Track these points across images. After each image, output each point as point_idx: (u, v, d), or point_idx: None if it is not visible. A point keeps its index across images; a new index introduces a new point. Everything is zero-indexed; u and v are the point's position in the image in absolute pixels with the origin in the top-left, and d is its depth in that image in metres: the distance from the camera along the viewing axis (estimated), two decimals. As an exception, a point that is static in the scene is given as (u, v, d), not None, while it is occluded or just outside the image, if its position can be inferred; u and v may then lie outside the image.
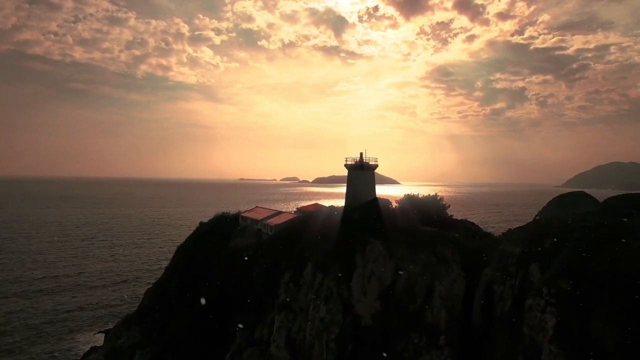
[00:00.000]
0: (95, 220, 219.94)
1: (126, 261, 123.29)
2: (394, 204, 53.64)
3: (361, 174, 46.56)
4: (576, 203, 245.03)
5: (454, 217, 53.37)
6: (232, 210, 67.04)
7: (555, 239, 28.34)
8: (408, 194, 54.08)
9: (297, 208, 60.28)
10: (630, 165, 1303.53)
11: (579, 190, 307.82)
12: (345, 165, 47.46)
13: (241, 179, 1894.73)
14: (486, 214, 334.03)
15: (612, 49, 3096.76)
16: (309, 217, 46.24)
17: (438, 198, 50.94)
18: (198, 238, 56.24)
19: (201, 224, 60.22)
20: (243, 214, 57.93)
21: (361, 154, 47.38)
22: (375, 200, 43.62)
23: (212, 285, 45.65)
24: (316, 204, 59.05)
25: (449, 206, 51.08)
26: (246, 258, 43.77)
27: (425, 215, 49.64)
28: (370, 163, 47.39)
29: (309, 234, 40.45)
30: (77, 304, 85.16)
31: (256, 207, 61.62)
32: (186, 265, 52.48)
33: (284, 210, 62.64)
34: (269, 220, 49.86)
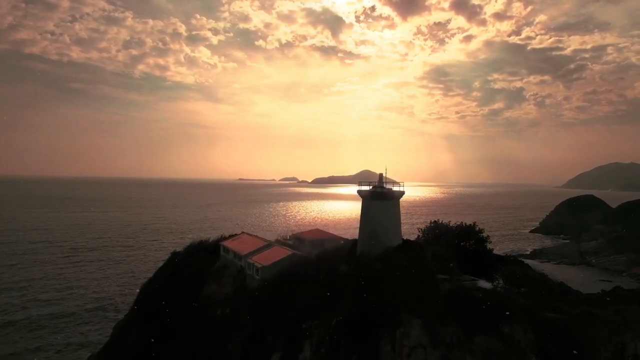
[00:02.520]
0: (86, 225, 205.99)
1: (110, 278, 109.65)
2: (418, 232, 41.81)
3: (381, 205, 32.59)
4: (587, 207, 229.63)
5: (494, 251, 41.53)
6: (221, 229, 55.23)
7: None
8: (436, 221, 42.20)
9: (292, 234, 48.29)
10: (631, 165, 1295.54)
11: (588, 194, 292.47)
12: (359, 192, 34.95)
13: (240, 179, 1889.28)
14: (489, 217, 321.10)
15: (609, 49, 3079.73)
16: (308, 258, 34.24)
17: (476, 228, 39.01)
18: (166, 276, 44.19)
19: (173, 254, 48.17)
20: (225, 244, 45.84)
21: (381, 176, 34.03)
22: (404, 245, 31.14)
23: (176, 351, 33.76)
24: (317, 230, 47.09)
25: (488, 238, 39.14)
26: (220, 315, 31.89)
27: (458, 250, 37.87)
28: (394, 189, 34.33)
29: (309, 286, 28.50)
30: (44, 339, 72.63)
31: (242, 233, 49.44)
32: (149, 314, 40.56)
33: (278, 237, 50.33)
34: (255, 258, 37.86)
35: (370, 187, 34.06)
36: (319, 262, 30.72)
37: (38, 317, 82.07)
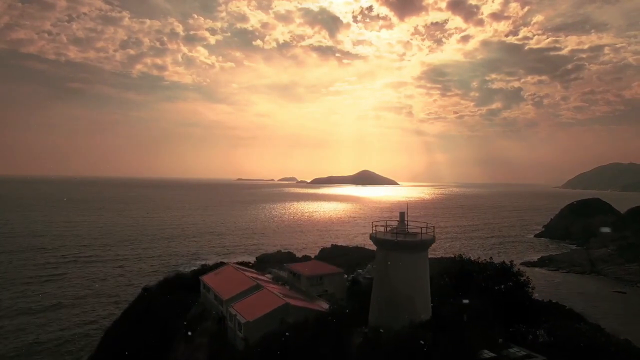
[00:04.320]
0: (77, 231, 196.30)
1: (92, 297, 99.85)
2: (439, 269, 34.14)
3: (404, 260, 23.51)
4: (593, 211, 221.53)
5: (535, 296, 33.80)
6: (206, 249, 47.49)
7: None
8: (461, 257, 34.59)
9: (285, 265, 40.65)
10: (630, 166, 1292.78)
11: (593, 197, 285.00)
12: (373, 239, 25.63)
13: (239, 179, 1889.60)
14: (491, 220, 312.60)
15: (606, 49, 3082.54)
16: (303, 311, 26.69)
17: (514, 269, 31.33)
18: (133, 322, 36.55)
19: (144, 291, 40.59)
20: (205, 280, 38.20)
21: (402, 217, 25.58)
22: (436, 321, 22.54)
23: None
24: (315, 264, 39.51)
25: (529, 282, 31.43)
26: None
27: (492, 294, 30.33)
28: (423, 235, 24.32)
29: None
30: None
31: (227, 265, 41.64)
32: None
33: (268, 272, 42.50)
34: (238, 306, 30.27)
35: (388, 229, 25.37)
36: (319, 331, 23.07)
37: (8, 350, 73.85)
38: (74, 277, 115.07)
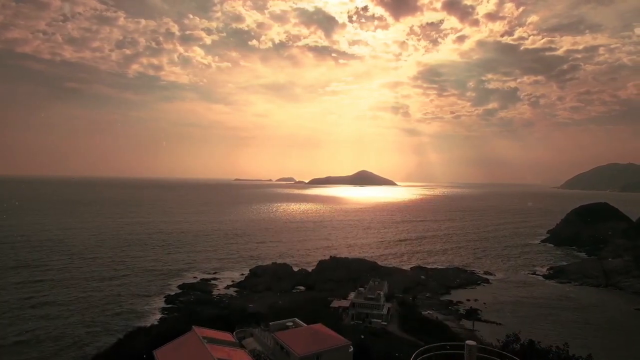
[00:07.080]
0: (64, 239, 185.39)
1: (72, 325, 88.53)
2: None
3: None
4: (600, 216, 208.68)
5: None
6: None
7: None
8: (515, 335, 24.32)
9: (272, 327, 30.28)
10: (629, 166, 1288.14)
11: (600, 201, 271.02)
12: None
13: (237, 179, 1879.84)
14: (494, 223, 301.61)
15: (601, 50, 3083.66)
16: None
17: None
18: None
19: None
20: (159, 358, 27.82)
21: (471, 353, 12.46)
22: None
23: None
24: (311, 332, 29.26)
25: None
26: None
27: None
28: None
29: None
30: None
31: (192, 332, 31.06)
32: None
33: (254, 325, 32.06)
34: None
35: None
36: None
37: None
38: (56, 304, 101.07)
